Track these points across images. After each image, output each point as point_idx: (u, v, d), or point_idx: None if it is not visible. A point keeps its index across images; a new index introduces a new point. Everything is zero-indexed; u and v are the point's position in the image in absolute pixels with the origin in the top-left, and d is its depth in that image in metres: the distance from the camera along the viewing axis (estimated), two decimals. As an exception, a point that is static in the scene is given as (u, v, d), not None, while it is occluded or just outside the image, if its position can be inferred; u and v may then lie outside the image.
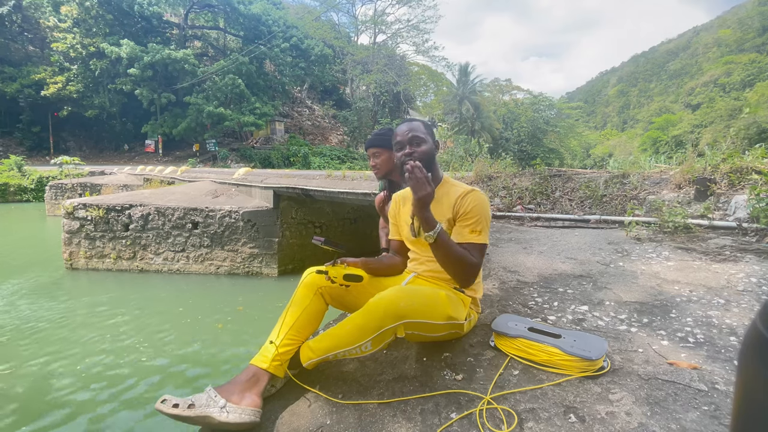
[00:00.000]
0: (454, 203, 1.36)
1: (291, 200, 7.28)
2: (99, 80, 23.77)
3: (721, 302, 1.71)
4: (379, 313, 1.13)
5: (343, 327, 1.19)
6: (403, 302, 1.15)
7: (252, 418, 1.09)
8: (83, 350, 4.25)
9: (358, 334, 1.15)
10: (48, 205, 14.65)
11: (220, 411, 1.07)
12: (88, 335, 4.62)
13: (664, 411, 1.01)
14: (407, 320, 1.14)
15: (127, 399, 3.42)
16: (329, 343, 1.19)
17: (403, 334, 1.18)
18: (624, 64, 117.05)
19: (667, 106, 56.42)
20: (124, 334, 4.70)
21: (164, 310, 5.52)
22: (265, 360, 1.20)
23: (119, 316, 5.25)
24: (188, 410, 1.05)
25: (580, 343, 1.22)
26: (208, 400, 1.09)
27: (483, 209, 1.34)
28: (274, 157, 24.59)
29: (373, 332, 1.13)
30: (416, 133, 1.41)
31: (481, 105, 27.46)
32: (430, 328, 1.22)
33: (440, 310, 1.22)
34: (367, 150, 2.12)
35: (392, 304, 1.14)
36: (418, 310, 1.16)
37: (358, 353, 1.18)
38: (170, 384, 3.71)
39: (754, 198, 2.80)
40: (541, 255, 2.55)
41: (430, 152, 1.41)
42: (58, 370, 3.85)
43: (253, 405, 1.11)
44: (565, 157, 27.78)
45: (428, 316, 1.19)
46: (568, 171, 4.57)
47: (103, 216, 7.14)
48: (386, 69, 28.01)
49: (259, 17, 25.27)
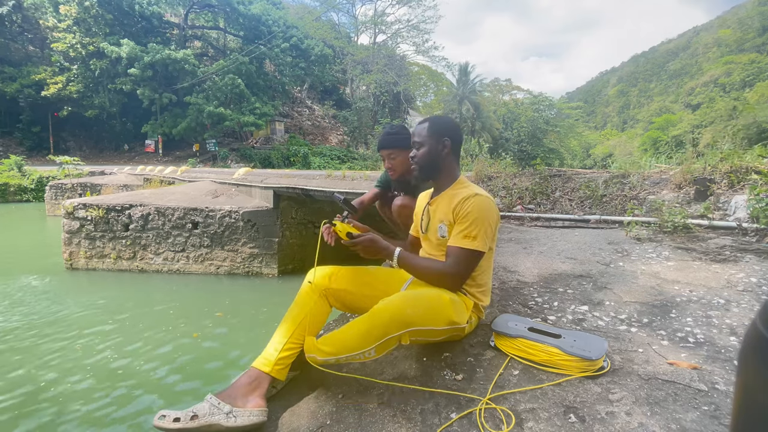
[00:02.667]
0: (456, 204, 1.34)
1: (291, 200, 7.28)
2: (99, 80, 23.74)
3: (721, 302, 1.71)
4: (385, 320, 1.12)
5: (348, 332, 1.17)
6: (409, 309, 1.13)
7: (261, 418, 1.08)
8: (83, 350, 4.25)
9: (362, 341, 1.13)
10: (48, 205, 14.64)
11: (227, 417, 1.04)
12: (88, 335, 4.61)
13: (664, 411, 1.01)
14: (412, 328, 1.14)
15: (126, 399, 3.42)
16: (334, 348, 1.16)
17: (407, 341, 1.17)
18: (624, 64, 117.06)
19: (667, 106, 56.37)
20: (124, 334, 4.69)
21: (164, 310, 5.51)
22: (267, 363, 1.18)
23: (119, 316, 5.25)
24: (191, 422, 1.01)
25: (580, 343, 1.22)
26: (211, 408, 1.06)
27: (481, 214, 1.29)
28: (274, 157, 24.58)
29: (378, 339, 1.12)
30: (416, 137, 1.44)
31: (481, 105, 27.47)
32: (433, 333, 1.22)
33: (443, 315, 1.21)
34: (379, 151, 2.04)
35: (398, 312, 1.12)
36: (423, 318, 1.16)
37: (362, 359, 1.16)
38: (168, 387, 3.70)
39: (753, 198, 2.81)
40: (541, 255, 2.55)
41: (428, 155, 1.41)
42: (58, 370, 3.84)
43: (259, 406, 1.10)
44: (565, 157, 27.76)
45: (432, 323, 1.19)
46: (568, 171, 4.57)
47: (103, 216, 7.13)
48: (386, 69, 28.02)
49: (259, 17, 25.26)
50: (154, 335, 4.68)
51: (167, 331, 4.80)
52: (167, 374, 3.86)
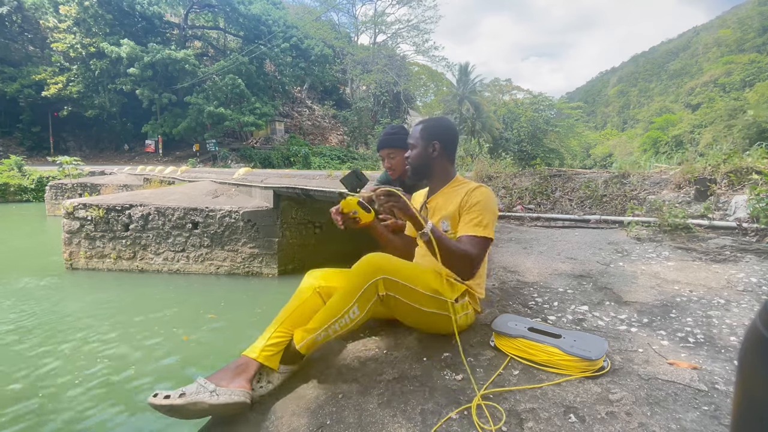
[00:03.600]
0: (462, 197, 1.39)
1: (291, 200, 7.28)
2: (99, 80, 23.73)
3: (721, 302, 1.71)
4: (359, 270, 1.22)
5: (331, 300, 1.27)
6: (382, 259, 1.23)
7: (242, 398, 1.14)
8: (82, 350, 4.25)
9: (343, 300, 1.21)
10: (48, 205, 14.63)
11: (210, 395, 1.11)
12: (87, 335, 4.61)
13: (664, 411, 1.01)
14: (386, 275, 1.20)
15: (125, 400, 3.42)
16: (320, 317, 1.23)
17: (384, 291, 1.22)
18: (624, 64, 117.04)
19: (667, 106, 56.34)
20: (124, 334, 4.70)
21: (164, 311, 5.51)
22: (254, 350, 1.25)
23: (119, 316, 5.25)
24: (179, 399, 1.09)
25: (580, 343, 1.22)
26: (198, 387, 1.14)
27: (489, 204, 1.36)
28: (274, 157, 24.58)
29: (357, 291, 1.20)
30: (410, 139, 1.50)
31: (481, 105, 27.45)
32: (413, 294, 1.25)
33: (423, 280, 1.26)
34: (379, 151, 2.07)
35: (372, 259, 1.23)
36: (398, 269, 1.23)
37: (348, 323, 1.22)
38: (167, 386, 3.70)
39: (754, 198, 2.81)
40: (541, 255, 2.55)
41: (419, 157, 1.47)
42: (58, 370, 3.84)
43: (242, 387, 1.16)
44: (565, 157, 27.76)
45: (409, 280, 1.24)
46: (568, 171, 4.57)
47: (103, 216, 7.13)
48: (386, 69, 28.01)
49: (259, 17, 25.26)
50: (153, 335, 4.68)
51: (167, 331, 4.80)
52: (167, 374, 3.86)
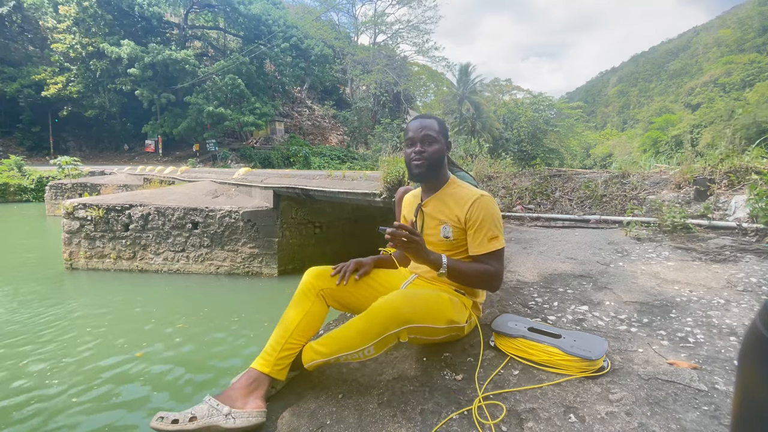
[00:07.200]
0: (463, 209, 1.34)
1: (291, 200, 7.28)
2: (99, 80, 23.73)
3: (721, 302, 1.71)
4: (383, 318, 1.12)
5: (346, 331, 1.17)
6: (406, 307, 1.13)
7: (260, 419, 1.09)
8: (82, 350, 4.24)
9: (360, 339, 1.13)
10: (48, 205, 14.64)
11: (225, 419, 1.04)
12: (87, 335, 4.61)
13: (664, 411, 1.01)
14: (411, 325, 1.14)
15: (126, 400, 3.41)
16: (332, 347, 1.17)
17: (406, 338, 1.17)
18: (624, 64, 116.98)
19: (667, 106, 56.33)
20: (124, 334, 4.69)
21: (163, 311, 5.51)
22: (266, 364, 1.18)
23: (119, 316, 5.25)
24: (190, 423, 1.01)
25: (580, 343, 1.22)
26: (210, 409, 1.06)
27: (494, 214, 1.34)
28: (274, 157, 24.57)
29: (376, 337, 1.12)
30: (428, 131, 1.36)
31: (481, 105, 27.45)
32: (432, 332, 1.22)
33: (443, 314, 1.22)
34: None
35: (396, 310, 1.13)
36: (421, 315, 1.16)
37: (361, 357, 1.16)
38: (167, 387, 3.70)
39: (753, 198, 2.81)
40: (541, 255, 2.55)
41: (440, 153, 1.38)
42: (58, 370, 3.84)
43: (258, 407, 1.10)
44: (565, 157, 27.77)
45: (431, 321, 1.19)
46: (568, 171, 4.57)
47: (103, 216, 7.13)
48: (386, 69, 28.01)
49: (259, 17, 25.26)
50: (153, 335, 4.68)
51: (166, 331, 4.80)
52: (166, 374, 3.85)
